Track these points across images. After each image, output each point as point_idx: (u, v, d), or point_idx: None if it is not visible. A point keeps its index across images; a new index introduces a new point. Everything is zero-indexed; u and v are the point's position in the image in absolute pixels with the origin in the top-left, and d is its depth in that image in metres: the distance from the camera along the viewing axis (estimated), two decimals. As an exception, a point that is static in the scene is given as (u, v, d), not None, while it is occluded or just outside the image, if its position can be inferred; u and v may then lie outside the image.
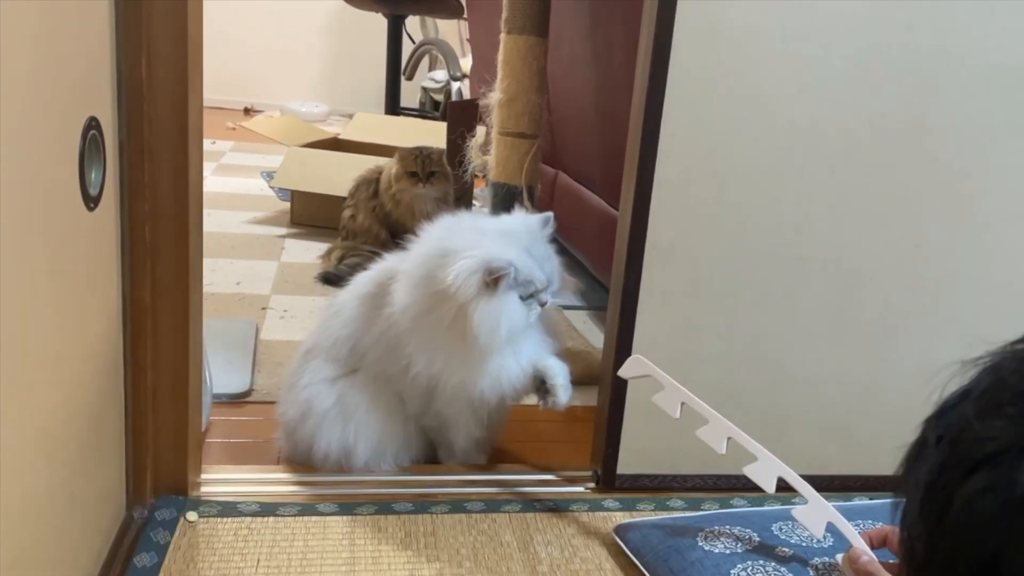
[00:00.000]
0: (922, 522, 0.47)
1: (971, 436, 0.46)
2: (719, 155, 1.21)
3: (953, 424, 0.48)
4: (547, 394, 1.19)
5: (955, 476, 0.45)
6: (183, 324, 1.09)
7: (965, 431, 0.46)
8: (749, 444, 1.06)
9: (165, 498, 1.13)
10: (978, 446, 0.45)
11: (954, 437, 0.47)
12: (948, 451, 0.47)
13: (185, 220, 1.05)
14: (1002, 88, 1.24)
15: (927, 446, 0.49)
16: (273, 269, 2.29)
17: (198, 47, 1.06)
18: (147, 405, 1.09)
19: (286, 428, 1.27)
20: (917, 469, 0.49)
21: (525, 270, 1.14)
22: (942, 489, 0.46)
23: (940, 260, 1.30)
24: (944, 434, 0.48)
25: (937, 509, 0.45)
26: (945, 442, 0.48)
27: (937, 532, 0.45)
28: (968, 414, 0.47)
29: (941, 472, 0.46)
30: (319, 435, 1.22)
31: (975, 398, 0.48)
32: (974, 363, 0.51)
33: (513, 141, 1.77)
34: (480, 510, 1.20)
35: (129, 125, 0.99)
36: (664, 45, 1.15)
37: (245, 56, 5.31)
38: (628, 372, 1.16)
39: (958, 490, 0.44)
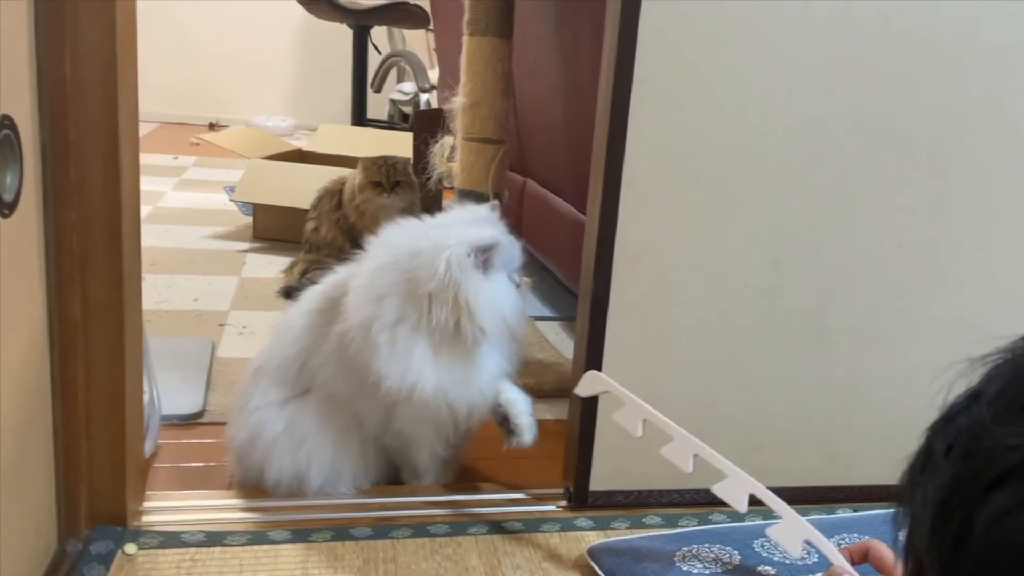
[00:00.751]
0: (936, 549, 0.39)
1: (990, 445, 0.38)
2: (689, 154, 1.16)
3: (966, 431, 0.40)
4: (511, 433, 1.15)
5: (973, 492, 0.38)
6: (118, 342, 1.01)
7: (981, 439, 0.39)
8: (717, 461, 1.00)
9: (102, 529, 1.05)
10: (999, 456, 0.37)
11: (968, 446, 0.39)
12: (962, 463, 0.39)
13: (118, 230, 0.98)
14: (981, 78, 1.19)
15: (935, 457, 0.42)
16: (233, 285, 2.21)
17: (130, 45, 0.99)
18: (80, 429, 1.01)
19: (236, 452, 1.19)
20: (924, 485, 0.41)
21: (508, 245, 1.11)
22: (958, 508, 0.38)
23: (921, 259, 1.25)
24: (955, 443, 0.41)
25: (954, 532, 0.38)
26: (957, 452, 0.40)
27: (956, 560, 0.38)
28: (984, 419, 0.39)
29: (955, 488, 0.39)
30: (270, 461, 1.15)
31: (990, 400, 0.40)
32: (983, 361, 0.43)
33: (478, 147, 1.71)
34: (444, 533, 1.13)
35: (52, 125, 0.92)
36: (629, 41, 1.10)
37: (209, 70, 5.23)
38: (585, 390, 1.10)
39: (979, 509, 0.37)
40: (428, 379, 1.08)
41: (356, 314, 1.09)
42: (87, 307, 0.99)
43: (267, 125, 4.99)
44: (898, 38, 1.16)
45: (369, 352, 1.08)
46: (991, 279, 1.27)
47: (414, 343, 1.08)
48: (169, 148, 4.21)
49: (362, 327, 1.08)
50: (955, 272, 1.26)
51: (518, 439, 1.15)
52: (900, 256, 1.24)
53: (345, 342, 1.11)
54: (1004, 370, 0.42)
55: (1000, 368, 0.42)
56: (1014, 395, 0.39)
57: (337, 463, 1.17)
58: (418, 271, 1.07)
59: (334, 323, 1.13)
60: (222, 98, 5.29)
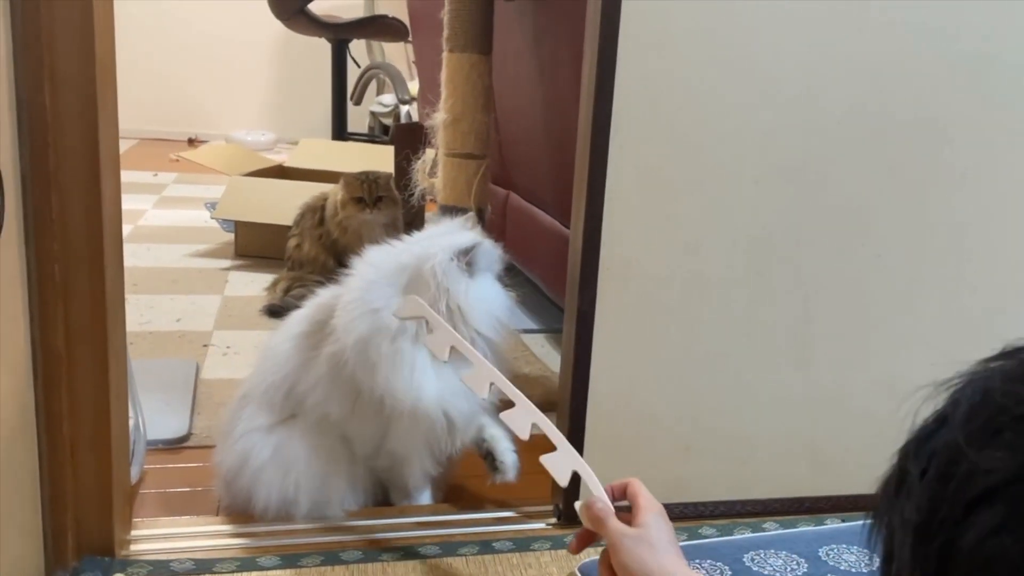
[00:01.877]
0: (919, 568, 0.40)
1: (966, 468, 0.39)
2: (672, 167, 1.17)
3: (940, 453, 0.41)
4: (495, 470, 1.17)
5: (952, 515, 0.39)
6: (102, 370, 1.00)
7: (957, 462, 0.40)
8: (509, 390, 1.00)
9: (89, 560, 1.04)
10: (976, 479, 0.38)
11: (943, 470, 0.40)
12: (937, 486, 0.40)
13: (100, 258, 0.97)
14: (959, 88, 1.21)
15: (909, 480, 0.43)
16: (216, 304, 2.19)
17: (110, 70, 0.98)
18: (65, 459, 1.00)
19: (224, 478, 1.18)
20: (900, 507, 0.42)
21: (489, 246, 1.14)
22: (938, 530, 0.39)
23: (902, 269, 1.26)
24: (929, 466, 0.42)
25: (936, 554, 0.39)
26: (932, 476, 0.41)
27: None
28: (956, 442, 0.40)
29: (933, 510, 0.40)
30: (257, 488, 1.14)
31: (961, 423, 0.41)
32: (946, 385, 0.45)
33: (460, 162, 1.71)
34: (435, 554, 1.12)
35: (32, 155, 0.91)
36: (610, 52, 1.10)
37: (188, 86, 5.20)
38: (403, 312, 1.07)
39: (961, 532, 0.38)
40: (430, 390, 1.08)
41: (352, 330, 1.09)
42: (70, 336, 0.98)
43: (247, 140, 4.97)
44: (876, 48, 1.17)
45: (367, 369, 1.08)
46: (971, 288, 1.28)
47: (415, 354, 1.08)
48: (149, 165, 4.19)
49: (359, 343, 1.08)
50: (935, 282, 1.27)
51: (502, 476, 1.17)
52: (880, 266, 1.25)
53: (338, 362, 1.10)
54: (968, 393, 0.43)
55: (964, 391, 0.43)
56: (987, 420, 0.40)
57: (326, 488, 1.16)
58: (409, 285, 1.08)
59: (322, 345, 1.12)
60: (201, 113, 5.26)
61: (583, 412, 1.21)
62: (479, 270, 1.13)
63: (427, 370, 1.09)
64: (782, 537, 1.14)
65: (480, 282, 1.13)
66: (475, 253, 1.11)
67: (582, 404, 1.20)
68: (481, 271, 1.13)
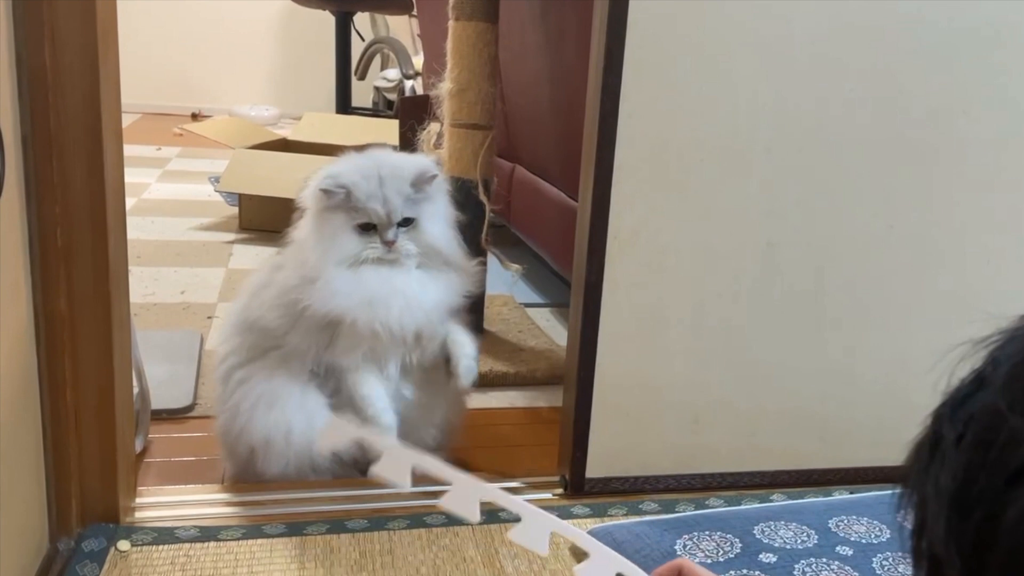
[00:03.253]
0: (955, 542, 0.38)
1: (1007, 435, 0.36)
2: (681, 137, 1.15)
3: (978, 418, 0.38)
4: (450, 375, 1.18)
5: (993, 484, 0.36)
6: (106, 336, 0.99)
7: (997, 428, 0.37)
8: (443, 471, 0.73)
9: (94, 527, 1.03)
10: (1019, 448, 0.36)
11: (982, 436, 0.37)
12: (975, 453, 0.37)
13: (103, 222, 0.96)
14: (971, 57, 1.19)
15: (944, 445, 0.40)
16: (220, 276, 2.18)
17: (111, 31, 0.96)
18: (69, 426, 0.99)
19: (224, 438, 1.18)
20: (934, 475, 0.40)
21: (359, 195, 1.13)
22: (977, 501, 0.37)
23: (914, 240, 1.24)
24: (966, 431, 0.39)
25: (976, 526, 0.37)
26: (969, 441, 0.38)
27: (980, 558, 0.36)
28: (997, 406, 0.37)
29: (971, 479, 0.37)
30: (253, 430, 1.14)
31: (1002, 386, 0.38)
32: (985, 342, 0.42)
33: (466, 133, 1.69)
34: (441, 524, 1.12)
35: (33, 117, 0.90)
36: (620, 21, 1.08)
37: (192, 60, 5.17)
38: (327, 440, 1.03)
39: (1005, 503, 0.35)
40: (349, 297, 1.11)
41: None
42: (73, 301, 0.97)
43: (251, 114, 4.94)
44: (891, 20, 1.15)
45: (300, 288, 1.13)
46: (984, 260, 1.27)
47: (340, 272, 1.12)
48: (152, 139, 4.17)
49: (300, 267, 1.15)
50: (947, 253, 1.26)
51: (456, 381, 1.17)
52: (892, 237, 1.23)
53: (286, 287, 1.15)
54: (1010, 351, 0.39)
55: (1006, 349, 0.40)
56: None
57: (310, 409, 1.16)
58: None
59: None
60: (205, 88, 5.23)
61: (590, 384, 1.19)
62: (332, 209, 1.14)
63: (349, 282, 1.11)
64: (791, 508, 1.13)
65: (330, 219, 1.14)
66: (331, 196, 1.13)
67: (589, 376, 1.19)
68: (335, 210, 1.14)
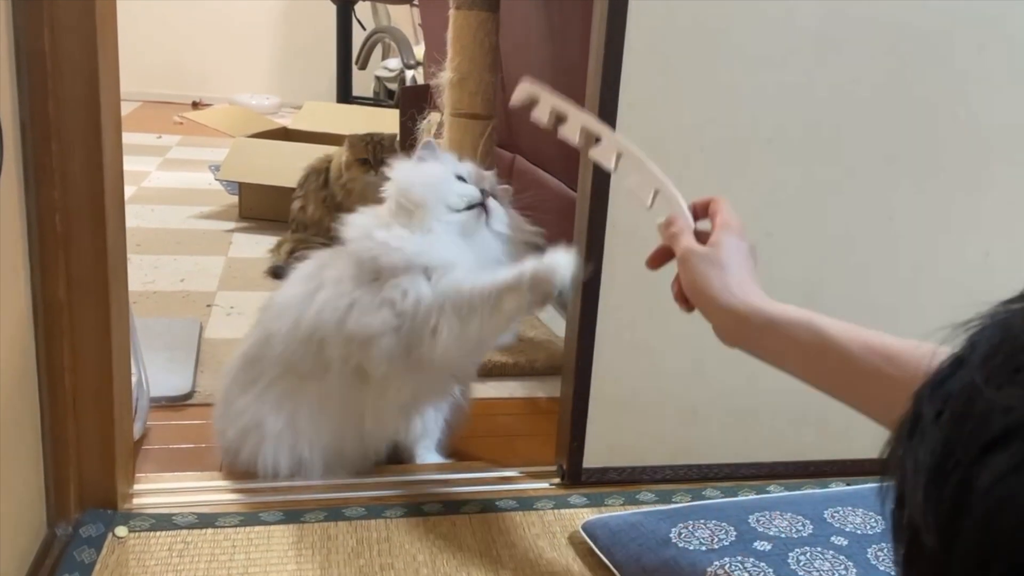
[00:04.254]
0: (932, 512, 0.39)
1: (983, 407, 0.38)
2: (681, 127, 1.14)
3: (957, 395, 0.40)
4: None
5: (969, 454, 0.37)
6: (104, 322, 0.99)
7: (974, 402, 0.38)
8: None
9: (92, 512, 1.03)
10: (994, 418, 0.37)
11: (959, 410, 0.39)
12: (953, 426, 0.39)
13: (101, 208, 0.96)
14: (970, 46, 1.18)
15: (923, 423, 0.41)
16: (220, 265, 2.18)
17: (110, 16, 0.96)
18: (67, 412, 0.99)
19: (229, 446, 1.18)
20: (914, 450, 0.41)
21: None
22: (953, 471, 0.38)
23: (914, 231, 1.24)
24: (944, 407, 0.40)
25: (951, 496, 0.38)
26: (948, 416, 0.39)
27: (956, 522, 0.37)
28: (974, 382, 0.39)
29: (948, 452, 0.38)
30: (265, 454, 1.13)
31: (980, 363, 0.39)
32: (964, 327, 0.43)
33: (466, 123, 1.69)
34: (438, 512, 1.12)
35: (32, 102, 0.89)
36: (620, 11, 1.08)
37: (192, 48, 5.16)
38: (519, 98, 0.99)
39: (978, 471, 0.37)
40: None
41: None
42: (72, 287, 0.97)
43: (251, 103, 4.93)
44: (893, 11, 1.15)
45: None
46: (982, 252, 1.27)
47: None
48: (152, 127, 4.16)
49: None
50: (947, 245, 1.26)
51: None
52: (892, 229, 1.23)
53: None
54: (989, 334, 0.41)
55: (984, 332, 0.41)
56: (1006, 357, 0.39)
57: (337, 447, 1.16)
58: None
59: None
60: (205, 76, 5.22)
61: (588, 375, 1.20)
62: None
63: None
64: (787, 499, 1.13)
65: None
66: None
67: (587, 367, 1.19)
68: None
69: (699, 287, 0.82)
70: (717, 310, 0.82)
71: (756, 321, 0.80)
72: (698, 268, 0.82)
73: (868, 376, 0.75)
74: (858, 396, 0.77)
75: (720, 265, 0.81)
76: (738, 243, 0.84)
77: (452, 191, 1.12)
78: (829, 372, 0.78)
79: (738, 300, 0.81)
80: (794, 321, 0.79)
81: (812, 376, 0.80)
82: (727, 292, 0.81)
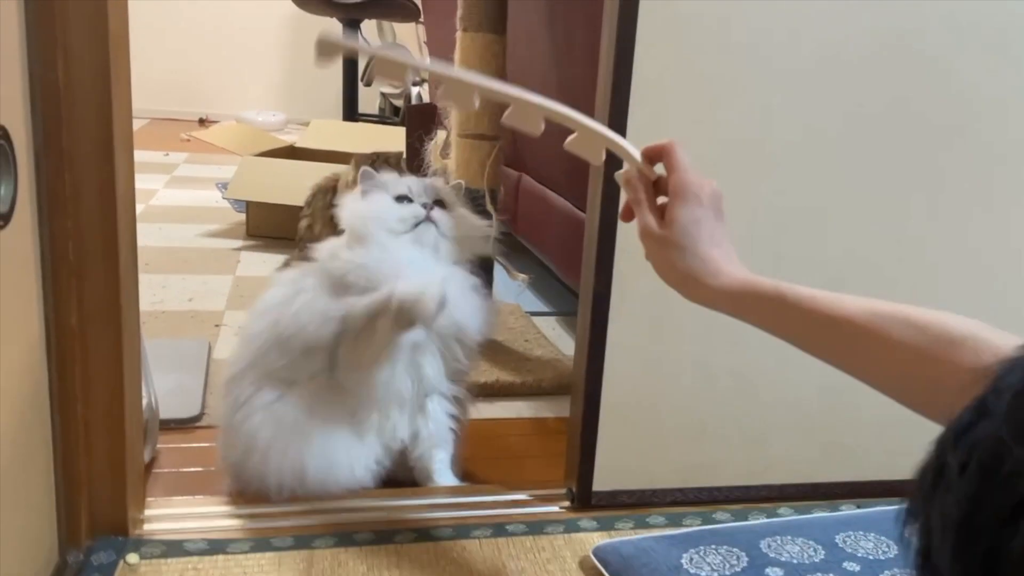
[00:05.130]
0: (960, 570, 0.38)
1: (1011, 467, 0.37)
2: (689, 149, 1.14)
3: (980, 447, 0.39)
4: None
5: (998, 515, 0.37)
6: (116, 350, 0.99)
7: (1002, 459, 0.37)
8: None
9: (103, 539, 1.04)
10: (1022, 481, 0.37)
11: (987, 465, 0.38)
12: (981, 482, 0.38)
13: (114, 236, 0.96)
14: (976, 71, 1.19)
15: (948, 473, 0.40)
16: (228, 284, 2.19)
17: (123, 46, 0.97)
18: (79, 439, 1.00)
19: (232, 467, 1.18)
20: (939, 502, 0.40)
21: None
22: (983, 532, 0.37)
23: (924, 254, 1.24)
24: (970, 460, 0.39)
25: (981, 556, 0.37)
26: (974, 471, 0.38)
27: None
28: (1000, 436, 0.38)
29: (976, 508, 0.38)
30: (267, 467, 1.14)
31: (1005, 415, 0.39)
32: (987, 372, 0.42)
33: (473, 143, 1.69)
34: (448, 537, 1.12)
35: (45, 133, 0.90)
36: (628, 37, 1.09)
37: (199, 66, 5.19)
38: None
39: (1008, 537, 0.36)
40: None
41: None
42: (84, 314, 0.97)
43: (258, 120, 4.96)
44: (897, 30, 1.15)
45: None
46: (992, 275, 1.27)
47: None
48: (160, 144, 4.18)
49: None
50: (957, 267, 1.26)
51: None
52: (902, 251, 1.23)
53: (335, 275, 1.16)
54: (1012, 380, 0.40)
55: (1007, 379, 0.40)
56: None
57: (331, 451, 1.16)
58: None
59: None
60: (212, 93, 5.25)
61: (598, 397, 1.20)
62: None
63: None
64: (798, 523, 1.13)
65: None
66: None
67: (597, 389, 1.19)
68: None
69: (665, 274, 0.80)
70: (689, 295, 0.80)
71: (730, 301, 0.77)
72: (659, 255, 0.79)
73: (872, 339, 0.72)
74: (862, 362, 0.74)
75: (679, 247, 0.78)
76: (694, 211, 0.79)
77: (392, 218, 1.20)
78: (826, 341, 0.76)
79: (708, 287, 0.78)
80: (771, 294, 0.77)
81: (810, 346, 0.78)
82: (692, 280, 0.78)
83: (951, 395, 0.42)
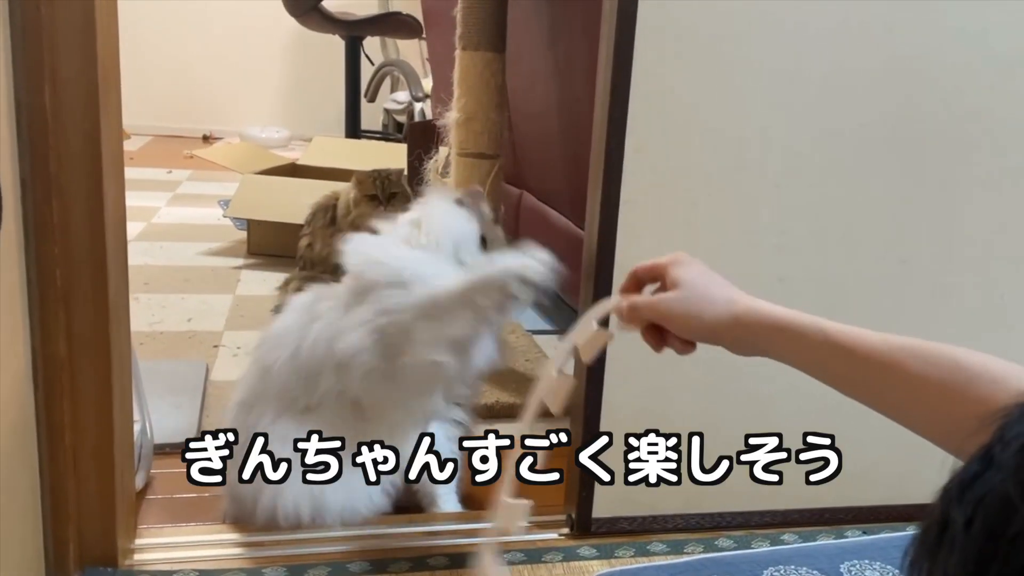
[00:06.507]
0: None
1: (1018, 527, 0.35)
2: (689, 171, 1.13)
3: (986, 504, 0.37)
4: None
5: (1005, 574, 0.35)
6: (105, 378, 0.98)
7: (1008, 518, 0.35)
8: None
9: (92, 570, 1.02)
10: None
11: (992, 523, 0.36)
12: (986, 542, 0.36)
13: (103, 263, 0.95)
14: (982, 90, 1.17)
15: (952, 529, 0.39)
16: (227, 303, 2.18)
17: (113, 69, 0.96)
18: (67, 469, 0.98)
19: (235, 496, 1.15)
20: (943, 560, 0.38)
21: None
22: None
23: (926, 276, 1.22)
24: (974, 516, 0.37)
25: None
26: (979, 529, 0.36)
27: None
28: (1006, 493, 0.36)
29: (982, 568, 0.36)
30: (284, 501, 1.10)
31: (1012, 469, 0.37)
32: (993, 418, 0.40)
33: (473, 162, 1.68)
34: (444, 566, 1.10)
35: (32, 159, 0.89)
36: (626, 55, 1.07)
37: (202, 82, 5.20)
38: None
39: None
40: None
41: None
42: (72, 343, 0.96)
43: (261, 136, 4.96)
44: (900, 51, 1.14)
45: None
46: (997, 296, 1.24)
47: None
48: (163, 162, 4.18)
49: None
50: (960, 289, 1.23)
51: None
52: (905, 273, 1.21)
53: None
54: (1019, 430, 0.38)
55: (1013, 428, 0.38)
56: None
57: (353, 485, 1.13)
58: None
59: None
60: (216, 110, 5.26)
61: (597, 418, 1.18)
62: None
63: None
64: (802, 551, 1.10)
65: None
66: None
67: (596, 410, 1.17)
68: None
69: (693, 323, 0.83)
70: (719, 328, 0.82)
71: (756, 323, 0.81)
72: (680, 309, 0.83)
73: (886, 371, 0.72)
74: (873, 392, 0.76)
75: (698, 293, 0.83)
76: (697, 268, 0.85)
77: (467, 250, 1.14)
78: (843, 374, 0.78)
79: (737, 310, 0.81)
80: (797, 324, 0.81)
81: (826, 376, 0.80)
82: (718, 309, 0.81)
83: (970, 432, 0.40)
